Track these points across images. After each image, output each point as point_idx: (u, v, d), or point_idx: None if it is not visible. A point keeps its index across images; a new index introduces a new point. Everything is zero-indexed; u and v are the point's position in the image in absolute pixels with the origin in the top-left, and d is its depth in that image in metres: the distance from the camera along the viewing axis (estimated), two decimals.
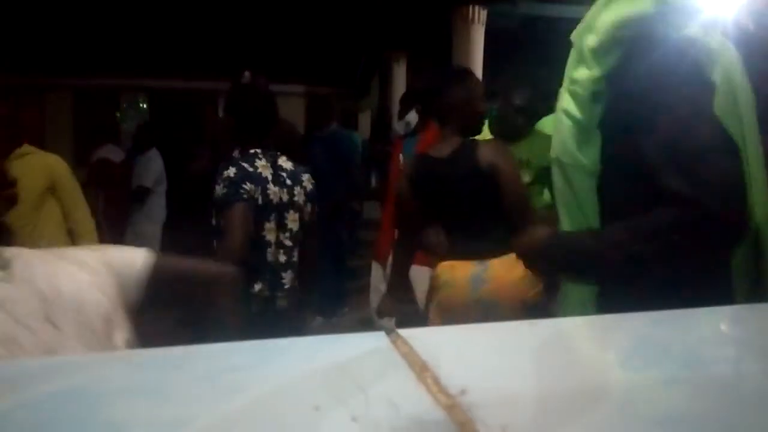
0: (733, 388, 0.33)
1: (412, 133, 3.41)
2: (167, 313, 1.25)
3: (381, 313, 2.10)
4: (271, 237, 1.81)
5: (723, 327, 0.42)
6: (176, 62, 8.74)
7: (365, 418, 0.29)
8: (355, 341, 0.37)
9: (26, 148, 2.19)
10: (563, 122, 0.92)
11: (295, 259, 1.89)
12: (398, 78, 9.41)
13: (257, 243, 1.77)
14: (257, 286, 1.81)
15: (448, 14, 6.32)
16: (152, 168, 4.20)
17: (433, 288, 2.00)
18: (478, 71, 6.51)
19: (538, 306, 1.83)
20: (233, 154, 1.84)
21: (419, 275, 3.32)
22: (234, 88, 1.96)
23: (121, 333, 1.03)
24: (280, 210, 1.82)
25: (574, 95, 0.90)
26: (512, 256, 1.81)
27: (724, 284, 0.80)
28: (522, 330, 0.41)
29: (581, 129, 0.89)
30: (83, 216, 2.27)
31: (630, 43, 0.84)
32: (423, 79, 2.17)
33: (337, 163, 3.96)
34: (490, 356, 0.37)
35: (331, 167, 3.77)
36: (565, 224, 1.00)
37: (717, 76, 0.79)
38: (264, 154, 1.83)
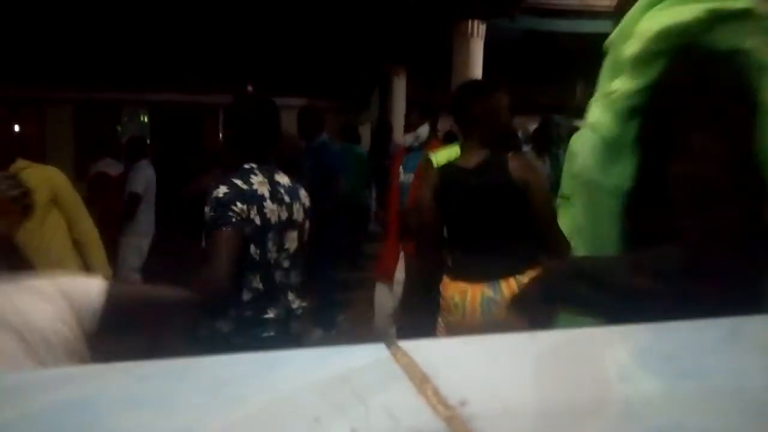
0: (734, 400, 0.33)
1: (418, 147, 3.42)
2: (122, 338, 1.25)
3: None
4: (273, 258, 1.71)
5: (725, 338, 0.42)
6: (177, 76, 8.81)
7: (365, 429, 0.29)
8: (355, 353, 0.37)
9: (21, 162, 2.19)
10: (592, 138, 0.84)
11: (295, 279, 1.81)
12: (398, 92, 9.46)
13: (262, 265, 1.68)
14: (271, 312, 1.71)
15: (447, 28, 6.38)
16: (141, 177, 4.25)
17: (443, 309, 1.96)
18: None
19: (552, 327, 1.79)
20: (228, 171, 1.74)
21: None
22: (235, 101, 1.91)
23: (82, 361, 1.06)
24: (279, 230, 1.72)
25: (607, 108, 0.81)
26: (522, 277, 1.80)
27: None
28: (522, 341, 0.41)
29: (611, 145, 0.80)
30: (87, 226, 2.28)
31: (674, 55, 0.75)
32: (454, 89, 2.14)
33: (322, 174, 3.95)
34: (490, 368, 0.37)
35: (317, 177, 3.76)
36: (579, 247, 0.94)
37: (766, 95, 0.72)
38: (260, 169, 1.73)
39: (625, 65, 0.80)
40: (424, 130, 3.42)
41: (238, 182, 1.65)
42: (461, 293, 1.88)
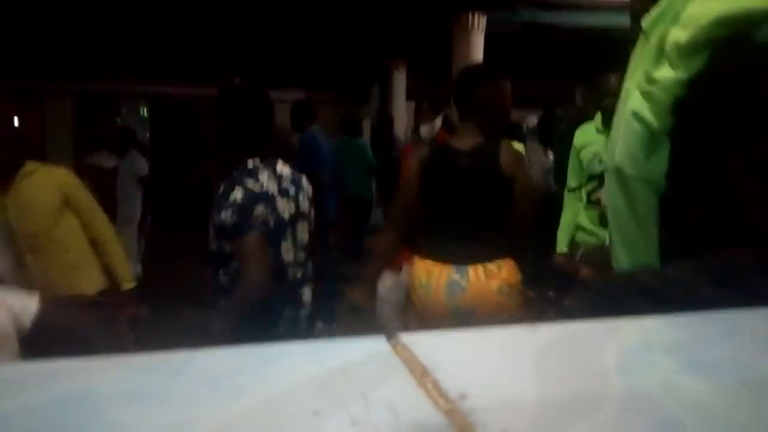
0: (736, 393, 0.33)
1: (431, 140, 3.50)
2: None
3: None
4: (289, 256, 1.68)
5: (726, 332, 0.42)
6: (177, 68, 8.78)
7: (365, 422, 0.29)
8: (356, 346, 0.37)
9: (31, 165, 2.16)
10: (633, 127, 0.79)
11: (309, 272, 1.77)
12: (398, 85, 9.44)
13: (279, 267, 1.64)
14: (287, 312, 1.69)
15: (447, 22, 6.35)
16: (134, 168, 4.52)
17: (410, 287, 1.98)
18: None
19: (516, 318, 1.79)
20: (233, 171, 1.67)
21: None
22: (228, 91, 1.79)
23: (12, 354, 1.13)
24: (291, 224, 1.69)
25: (650, 97, 0.77)
26: (491, 265, 1.81)
27: None
28: (522, 334, 0.41)
29: (654, 137, 0.77)
30: (102, 225, 2.23)
31: (725, 44, 0.72)
32: (457, 73, 2.13)
33: (309, 164, 3.96)
34: (490, 361, 0.37)
35: (304, 167, 3.77)
36: (618, 245, 0.89)
37: None
38: (264, 164, 1.67)
39: (672, 52, 0.76)
40: (438, 123, 3.47)
41: (250, 183, 1.60)
42: (428, 273, 1.88)
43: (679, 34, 0.75)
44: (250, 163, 1.65)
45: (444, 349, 0.37)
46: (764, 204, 0.68)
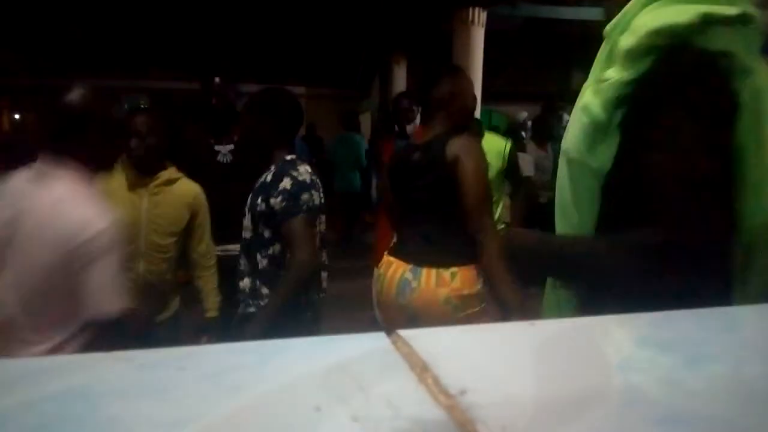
0: (734, 389, 0.33)
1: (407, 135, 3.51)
2: None
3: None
4: (318, 243, 1.86)
5: (724, 327, 0.42)
6: (178, 63, 8.77)
7: (366, 418, 0.29)
8: (356, 342, 0.37)
9: (172, 171, 2.10)
10: (581, 119, 0.89)
11: (324, 259, 1.96)
12: (398, 80, 9.42)
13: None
14: (313, 295, 1.86)
15: (448, 16, 6.33)
16: None
17: (373, 276, 2.07)
18: (478, 73, 6.52)
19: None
20: (272, 164, 1.86)
21: None
22: (270, 92, 1.97)
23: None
24: (320, 214, 1.88)
25: (599, 93, 0.86)
26: (446, 272, 1.81)
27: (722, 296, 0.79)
28: (522, 330, 0.41)
29: (599, 128, 0.86)
30: (207, 248, 2.18)
31: (665, 51, 0.80)
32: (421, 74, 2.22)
33: None
34: (490, 357, 0.37)
35: None
36: (558, 220, 0.99)
37: (746, 96, 0.77)
38: (299, 159, 1.87)
39: (619, 56, 0.85)
40: (418, 120, 3.54)
41: (296, 173, 1.78)
42: (387, 266, 1.91)
43: (626, 40, 0.84)
44: (290, 157, 1.85)
45: (444, 345, 0.37)
46: (672, 193, 0.77)
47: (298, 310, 1.78)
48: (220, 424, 0.28)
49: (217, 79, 2.39)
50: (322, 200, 1.88)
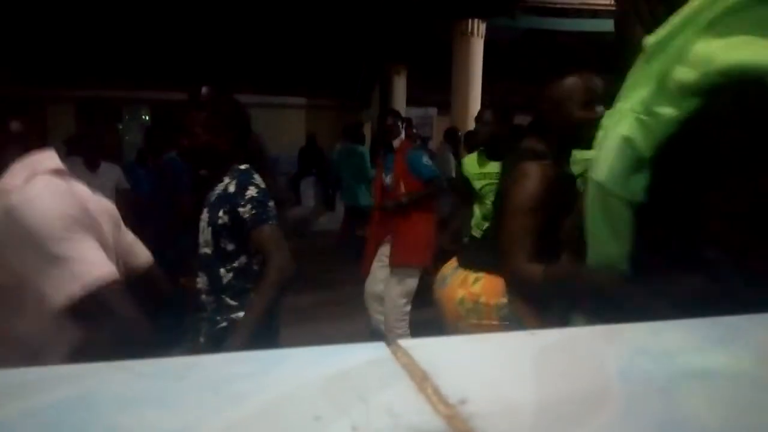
0: (732, 399, 0.33)
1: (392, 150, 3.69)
2: None
3: None
4: None
5: (723, 336, 0.42)
6: (179, 74, 8.81)
7: (366, 427, 0.29)
8: (355, 351, 0.37)
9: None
10: (623, 151, 0.81)
11: None
12: (398, 90, 9.47)
13: None
14: (281, 302, 1.85)
15: (447, 27, 6.37)
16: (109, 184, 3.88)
17: None
18: (477, 83, 6.55)
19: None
20: (233, 172, 1.82)
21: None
22: (219, 98, 1.93)
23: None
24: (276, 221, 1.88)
25: (646, 127, 0.78)
26: (471, 275, 1.86)
27: None
28: (522, 339, 0.41)
29: (641, 162, 0.79)
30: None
31: (721, 91, 0.72)
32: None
33: (166, 193, 3.75)
34: (490, 366, 0.37)
35: (161, 196, 3.71)
36: (590, 250, 0.94)
37: None
38: (253, 168, 1.84)
39: (675, 90, 0.76)
40: (403, 134, 3.77)
41: (257, 182, 1.78)
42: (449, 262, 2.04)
43: (685, 74, 0.75)
44: (244, 166, 1.82)
45: (444, 355, 0.37)
46: (726, 245, 0.72)
47: (270, 318, 1.76)
48: None
49: (204, 89, 2.33)
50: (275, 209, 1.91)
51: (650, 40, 0.82)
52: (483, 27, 6.23)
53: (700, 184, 0.75)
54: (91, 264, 1.10)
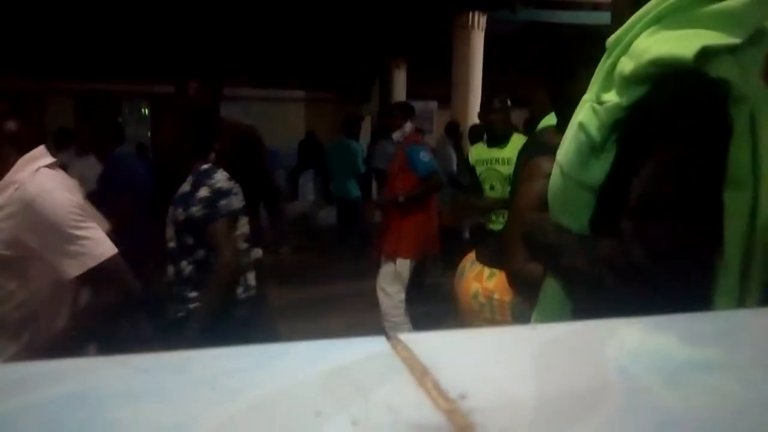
0: (735, 393, 0.33)
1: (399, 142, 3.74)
2: None
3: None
4: (238, 245, 1.98)
5: (725, 331, 0.42)
6: (179, 68, 8.78)
7: (366, 422, 0.29)
8: (355, 346, 0.37)
9: None
10: (577, 136, 0.89)
11: (251, 260, 2.10)
12: (398, 84, 9.44)
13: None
14: (241, 294, 1.97)
15: (447, 21, 6.35)
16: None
17: None
18: (478, 76, 6.53)
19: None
20: (194, 172, 1.96)
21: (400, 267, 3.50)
22: (191, 104, 2.10)
23: None
24: (239, 217, 1.99)
25: (596, 114, 0.86)
26: (487, 270, 1.86)
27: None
28: (522, 334, 0.41)
29: (594, 148, 0.86)
30: None
31: (661, 79, 0.79)
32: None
33: (112, 188, 3.59)
34: (490, 360, 0.37)
35: (107, 191, 3.53)
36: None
37: (741, 123, 0.76)
38: (214, 167, 1.96)
39: (618, 79, 0.84)
40: (408, 127, 3.74)
41: (213, 182, 1.89)
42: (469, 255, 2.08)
43: (625, 65, 0.83)
44: (205, 166, 1.96)
45: (444, 349, 0.37)
46: (649, 216, 0.79)
47: (226, 310, 1.89)
48: (219, 429, 0.28)
49: (194, 83, 2.37)
50: (243, 203, 1.99)
51: (610, 38, 0.90)
52: (483, 20, 6.20)
53: (641, 168, 0.81)
54: (98, 241, 1.39)
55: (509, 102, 3.18)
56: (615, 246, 0.81)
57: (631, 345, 0.39)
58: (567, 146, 0.92)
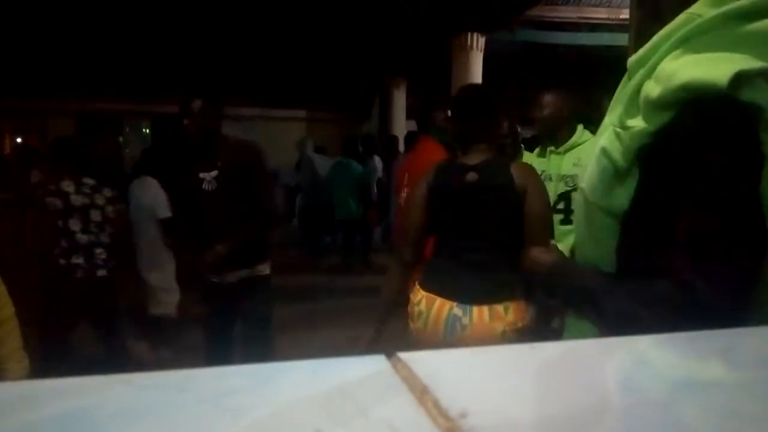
0: (731, 412, 0.33)
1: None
2: None
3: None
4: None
5: (723, 350, 0.42)
6: (180, 88, 8.84)
7: None
8: (356, 364, 0.37)
9: None
10: (600, 161, 0.86)
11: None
12: (398, 103, 9.50)
13: None
14: None
15: (447, 41, 6.41)
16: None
17: (409, 312, 1.87)
18: None
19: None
20: None
21: None
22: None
23: None
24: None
25: (620, 140, 0.83)
26: (499, 306, 1.67)
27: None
28: (523, 353, 0.41)
29: (617, 173, 0.83)
30: None
31: (690, 106, 0.76)
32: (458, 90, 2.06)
33: None
34: (490, 379, 0.37)
35: None
36: (577, 250, 0.98)
37: None
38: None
39: (644, 104, 0.80)
40: (377, 161, 3.76)
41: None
42: (428, 302, 1.77)
43: (651, 89, 0.80)
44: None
45: (444, 368, 0.37)
46: (698, 249, 0.75)
47: None
48: None
49: (198, 102, 2.38)
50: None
51: (631, 59, 0.87)
52: (482, 41, 6.27)
53: (671, 195, 0.78)
54: None
55: (518, 128, 3.10)
56: (671, 286, 0.76)
57: (630, 362, 0.39)
58: (590, 172, 0.89)
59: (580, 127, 2.63)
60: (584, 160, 2.27)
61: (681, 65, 0.78)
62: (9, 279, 1.73)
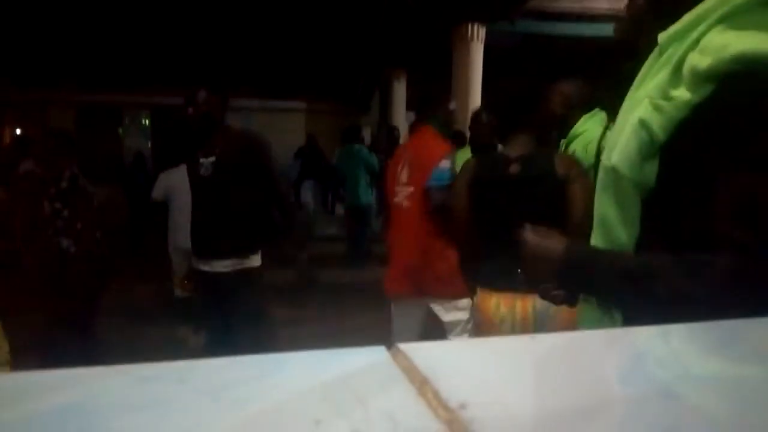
0: (733, 404, 0.33)
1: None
2: None
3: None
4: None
5: (724, 341, 0.42)
6: (180, 79, 8.81)
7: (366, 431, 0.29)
8: (355, 355, 0.37)
9: None
10: (638, 134, 0.84)
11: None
12: (398, 95, 9.48)
13: None
14: None
15: (447, 32, 6.38)
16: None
17: (484, 324, 1.79)
18: (477, 88, 6.55)
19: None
20: None
21: (411, 311, 2.58)
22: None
23: None
24: None
25: (661, 111, 0.82)
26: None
27: None
28: (523, 344, 0.41)
29: (654, 145, 0.82)
30: None
31: (738, 78, 0.75)
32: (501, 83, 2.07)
33: None
34: (490, 370, 0.37)
35: None
36: (597, 236, 0.95)
37: None
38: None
39: (690, 75, 0.80)
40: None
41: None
42: (507, 303, 1.72)
43: (698, 60, 0.79)
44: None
45: (444, 359, 0.37)
46: (753, 219, 0.73)
47: None
48: None
49: (203, 92, 2.42)
50: None
51: (663, 35, 0.86)
52: (483, 32, 6.24)
53: (710, 172, 0.77)
54: None
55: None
56: (734, 258, 0.73)
57: (631, 354, 0.39)
58: (624, 146, 0.87)
59: (584, 117, 2.63)
60: (580, 152, 2.28)
61: (732, 38, 0.78)
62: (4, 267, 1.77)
